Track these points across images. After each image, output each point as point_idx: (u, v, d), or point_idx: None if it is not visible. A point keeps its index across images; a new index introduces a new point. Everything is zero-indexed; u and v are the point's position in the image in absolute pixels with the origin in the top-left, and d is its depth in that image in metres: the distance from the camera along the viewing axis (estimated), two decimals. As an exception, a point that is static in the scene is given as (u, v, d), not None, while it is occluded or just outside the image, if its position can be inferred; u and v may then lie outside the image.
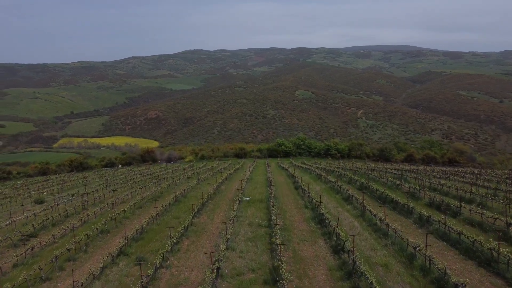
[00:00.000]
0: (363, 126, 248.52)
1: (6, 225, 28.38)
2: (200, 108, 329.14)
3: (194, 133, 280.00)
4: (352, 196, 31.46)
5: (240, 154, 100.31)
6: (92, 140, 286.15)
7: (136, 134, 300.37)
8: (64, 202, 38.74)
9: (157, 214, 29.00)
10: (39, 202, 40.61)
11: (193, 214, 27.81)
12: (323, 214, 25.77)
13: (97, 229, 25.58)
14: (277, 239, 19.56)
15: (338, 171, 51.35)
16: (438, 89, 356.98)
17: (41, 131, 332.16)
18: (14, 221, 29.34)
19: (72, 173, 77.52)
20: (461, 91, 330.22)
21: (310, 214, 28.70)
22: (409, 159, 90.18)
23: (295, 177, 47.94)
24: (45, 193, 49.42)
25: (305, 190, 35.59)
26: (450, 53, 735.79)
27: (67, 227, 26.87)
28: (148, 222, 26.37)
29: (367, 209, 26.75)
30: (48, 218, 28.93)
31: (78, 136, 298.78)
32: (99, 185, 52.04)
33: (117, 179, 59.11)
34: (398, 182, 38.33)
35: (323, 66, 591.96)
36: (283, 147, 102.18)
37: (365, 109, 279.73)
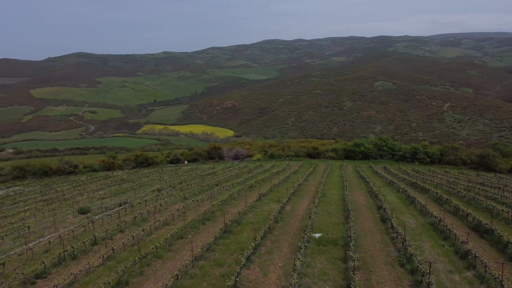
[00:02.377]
0: (449, 120, 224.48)
1: (19, 255, 23.50)
2: (275, 99, 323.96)
3: (268, 124, 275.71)
4: (476, 256, 20.90)
5: (313, 154, 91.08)
6: (172, 127, 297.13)
7: (212, 123, 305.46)
8: (109, 215, 33.91)
9: (195, 258, 21.92)
10: (83, 212, 36.47)
11: (243, 263, 20.24)
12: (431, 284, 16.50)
13: (118, 272, 19.43)
14: None
15: (437, 193, 40.02)
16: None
17: (127, 117, 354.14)
18: (31, 249, 24.47)
19: (136, 169, 75.54)
20: None
21: (409, 279, 19.39)
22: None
23: (379, 197, 38.09)
24: (98, 195, 45.97)
25: (396, 230, 25.95)
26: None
27: (85, 266, 21.11)
28: (177, 277, 19.33)
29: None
30: (67, 250, 23.47)
31: (160, 124, 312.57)
32: (153, 191, 47.23)
33: (175, 182, 54.26)
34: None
35: (406, 55, 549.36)
36: (361, 147, 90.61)
37: (452, 102, 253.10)
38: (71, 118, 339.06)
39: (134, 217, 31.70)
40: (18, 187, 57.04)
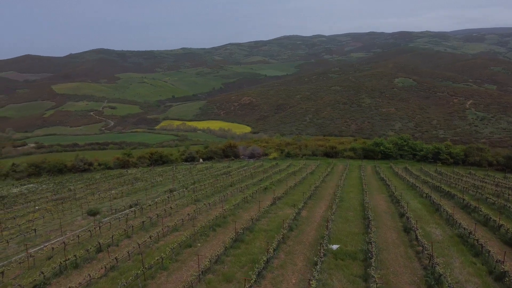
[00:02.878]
0: (472, 118, 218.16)
1: (19, 263, 22.44)
2: (292, 95, 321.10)
3: (285, 120, 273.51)
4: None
5: (331, 153, 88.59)
6: (190, 123, 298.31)
7: (230, 119, 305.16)
8: (117, 218, 32.79)
9: (202, 271, 20.38)
10: (92, 213, 35.50)
11: (253, 280, 18.58)
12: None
13: (119, 286, 18.12)
14: None
15: (464, 199, 37.38)
16: None
17: (146, 113, 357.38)
18: (33, 256, 23.41)
19: (150, 167, 74.81)
20: None
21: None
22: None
23: (401, 203, 35.82)
24: (109, 195, 45.10)
25: (422, 242, 23.78)
26: None
27: (86, 278, 19.86)
28: (181, 294, 17.82)
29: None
30: (69, 259, 22.28)
31: (178, 119, 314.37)
32: (165, 192, 46.04)
33: (188, 182, 53.01)
34: None
35: (427, 51, 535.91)
36: (381, 147, 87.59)
37: (475, 99, 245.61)
38: (91, 113, 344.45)
39: (143, 222, 30.43)
40: (32, 185, 56.95)
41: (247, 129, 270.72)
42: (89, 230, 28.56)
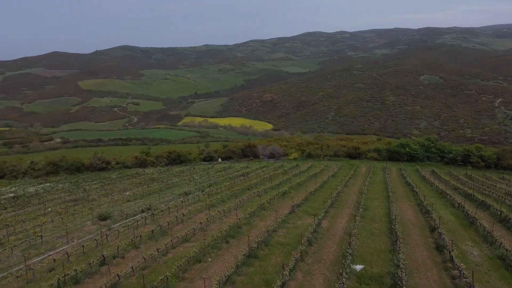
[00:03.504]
0: (501, 117, 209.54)
1: (16, 276, 21.02)
2: (314, 92, 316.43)
3: (307, 118, 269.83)
4: None
5: (353, 154, 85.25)
6: (211, 119, 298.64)
7: (251, 116, 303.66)
8: (126, 225, 31.26)
9: (209, 295, 18.37)
10: (103, 218, 34.24)
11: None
12: None
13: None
14: None
15: (501, 212, 33.94)
16: None
17: (168, 109, 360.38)
18: (32, 269, 21.98)
19: (168, 166, 73.64)
20: None
21: None
22: None
23: (431, 214, 32.85)
24: (123, 197, 43.87)
25: (458, 265, 20.98)
26: None
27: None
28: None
29: None
30: (69, 274, 20.73)
31: (199, 116, 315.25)
32: (179, 195, 44.38)
33: (204, 185, 51.29)
34: None
35: (454, 48, 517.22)
36: (407, 148, 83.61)
37: (505, 97, 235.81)
38: (115, 109, 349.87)
39: (152, 231, 28.73)
40: (48, 184, 56.65)
41: (269, 126, 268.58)
42: (95, 239, 27.08)
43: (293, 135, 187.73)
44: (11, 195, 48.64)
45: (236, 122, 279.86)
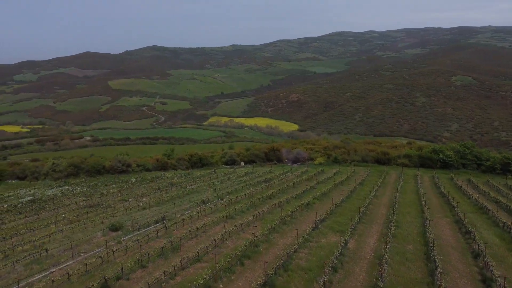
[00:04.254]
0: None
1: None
2: (342, 93, 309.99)
3: (333, 119, 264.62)
4: None
5: (382, 160, 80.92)
6: (237, 119, 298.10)
7: (277, 116, 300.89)
8: (135, 240, 29.26)
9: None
10: (114, 229, 32.53)
11: None
12: None
13: None
14: None
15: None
16: None
17: (195, 109, 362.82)
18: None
19: (189, 170, 72.02)
20: None
21: None
22: None
23: (473, 236, 29.10)
24: (139, 204, 42.22)
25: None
26: None
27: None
28: None
29: None
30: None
31: (225, 116, 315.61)
32: (197, 203, 42.22)
33: (223, 192, 48.98)
34: None
35: (488, 47, 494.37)
36: (440, 155, 78.43)
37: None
38: (144, 108, 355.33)
39: (162, 247, 26.56)
40: (67, 187, 56.07)
41: (294, 127, 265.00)
42: (101, 256, 25.14)
43: (319, 136, 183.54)
44: (29, 198, 48.18)
45: (262, 122, 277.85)
